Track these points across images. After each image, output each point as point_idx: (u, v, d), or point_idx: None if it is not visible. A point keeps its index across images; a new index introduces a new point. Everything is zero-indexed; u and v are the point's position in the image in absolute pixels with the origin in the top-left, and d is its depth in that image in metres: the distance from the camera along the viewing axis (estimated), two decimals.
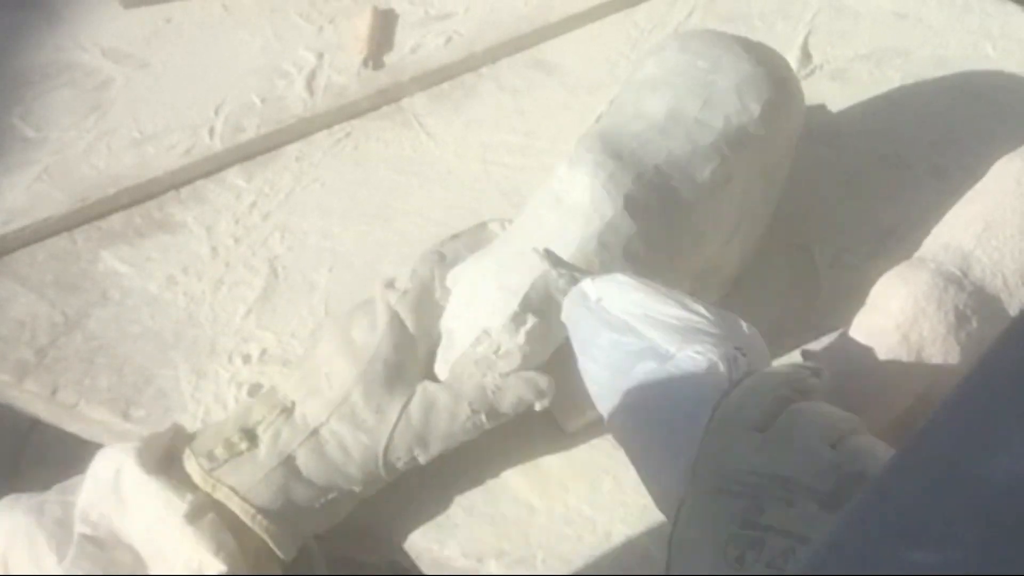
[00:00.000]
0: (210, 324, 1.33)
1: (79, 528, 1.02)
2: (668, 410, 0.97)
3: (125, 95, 1.60)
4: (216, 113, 1.56)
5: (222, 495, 1.03)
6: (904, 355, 1.09)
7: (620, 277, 1.08)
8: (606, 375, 1.03)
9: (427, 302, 1.16)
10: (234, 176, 1.49)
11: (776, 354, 1.26)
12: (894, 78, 1.57)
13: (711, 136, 1.20)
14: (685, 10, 1.69)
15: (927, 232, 1.19)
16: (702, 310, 1.03)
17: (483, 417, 1.10)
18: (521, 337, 1.11)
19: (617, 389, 1.01)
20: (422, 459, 1.10)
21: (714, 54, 1.25)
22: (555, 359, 1.14)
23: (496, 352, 1.11)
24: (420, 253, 1.21)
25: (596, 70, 1.61)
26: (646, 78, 1.27)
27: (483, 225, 1.25)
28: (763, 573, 0.84)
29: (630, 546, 1.14)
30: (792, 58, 1.59)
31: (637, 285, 1.06)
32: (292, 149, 1.53)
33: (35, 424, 1.40)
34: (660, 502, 0.99)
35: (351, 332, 1.12)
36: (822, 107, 1.52)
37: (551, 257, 1.10)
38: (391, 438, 1.04)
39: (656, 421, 0.98)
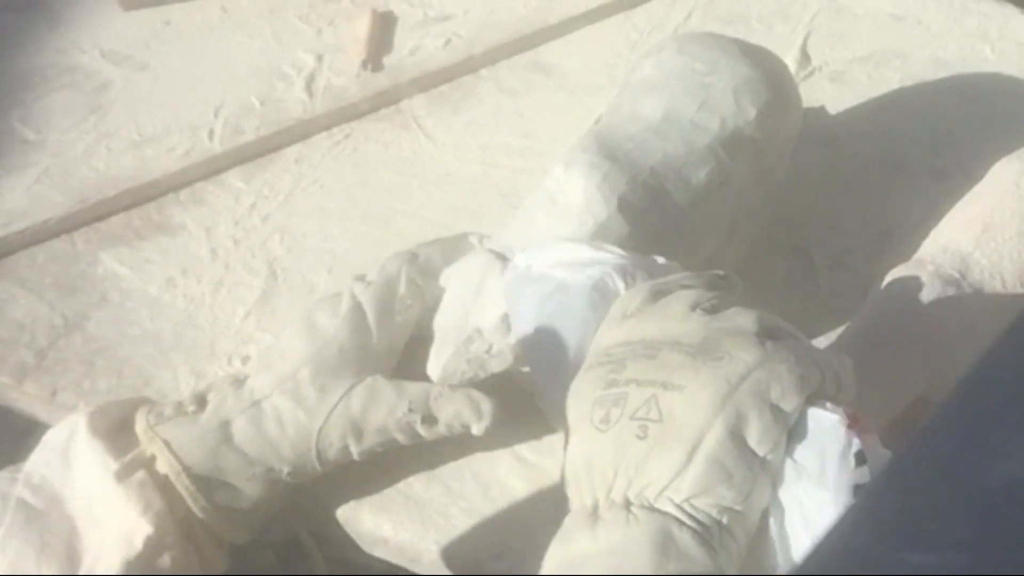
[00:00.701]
0: (210, 326, 1.33)
1: (19, 492, 1.03)
2: (564, 327, 1.00)
3: (124, 97, 1.60)
4: (215, 115, 1.56)
5: (156, 447, 1.03)
6: (903, 357, 1.09)
7: (548, 242, 1.10)
8: (528, 327, 1.05)
9: (389, 297, 1.16)
10: (233, 178, 1.49)
11: None
12: (893, 80, 1.58)
13: (707, 138, 1.20)
14: (684, 12, 1.69)
15: (926, 234, 1.19)
16: (617, 250, 1.05)
17: (418, 420, 1.09)
18: (512, 336, 1.11)
19: (534, 331, 1.03)
20: (354, 450, 1.09)
21: (711, 56, 1.26)
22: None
23: (488, 351, 1.11)
24: (394, 252, 1.21)
25: (595, 72, 1.61)
26: (643, 80, 1.27)
27: (463, 236, 1.25)
28: (627, 425, 0.84)
29: None
30: (791, 60, 1.59)
31: (563, 245, 1.08)
32: (291, 151, 1.53)
33: (34, 426, 1.39)
34: (557, 418, 1.01)
35: (314, 316, 1.13)
36: (821, 109, 1.52)
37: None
38: (327, 419, 1.04)
39: (555, 342, 1.01)
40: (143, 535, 1.01)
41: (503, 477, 1.20)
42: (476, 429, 1.10)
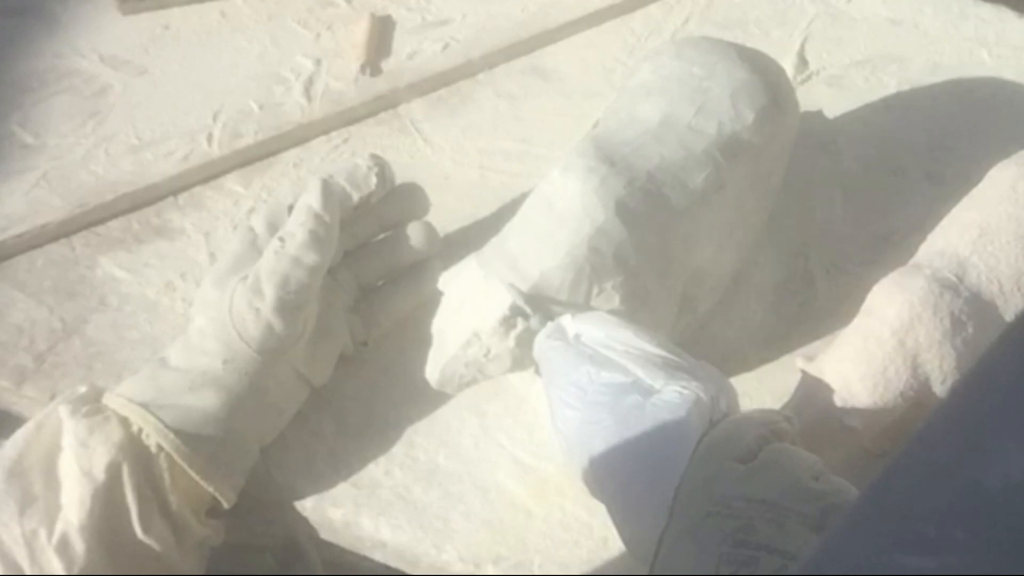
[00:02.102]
0: None
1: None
2: (653, 443, 0.96)
3: (123, 101, 1.60)
4: (214, 119, 1.56)
5: (108, 399, 1.09)
6: (900, 361, 1.09)
7: (600, 313, 1.09)
8: (581, 417, 1.01)
9: (280, 213, 1.22)
10: (232, 182, 1.50)
11: (771, 360, 1.27)
12: (890, 84, 1.58)
13: (704, 142, 1.20)
14: (681, 16, 1.69)
15: (923, 238, 1.20)
16: (682, 352, 1.03)
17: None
18: (511, 340, 1.11)
19: (595, 427, 1.00)
20: (264, 311, 1.13)
21: (709, 61, 1.26)
22: None
23: (486, 355, 1.12)
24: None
25: (593, 76, 1.61)
26: (641, 84, 1.27)
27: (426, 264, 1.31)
28: None
29: (627, 551, 1.14)
30: (788, 64, 1.60)
31: (618, 322, 1.07)
32: (290, 155, 1.53)
33: None
34: (636, 542, 0.99)
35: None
36: (818, 113, 1.53)
37: (519, 294, 1.11)
38: (232, 300, 1.11)
39: (640, 454, 0.98)
40: (103, 464, 1.04)
41: (501, 481, 1.20)
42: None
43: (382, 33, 1.68)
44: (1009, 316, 1.12)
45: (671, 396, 0.97)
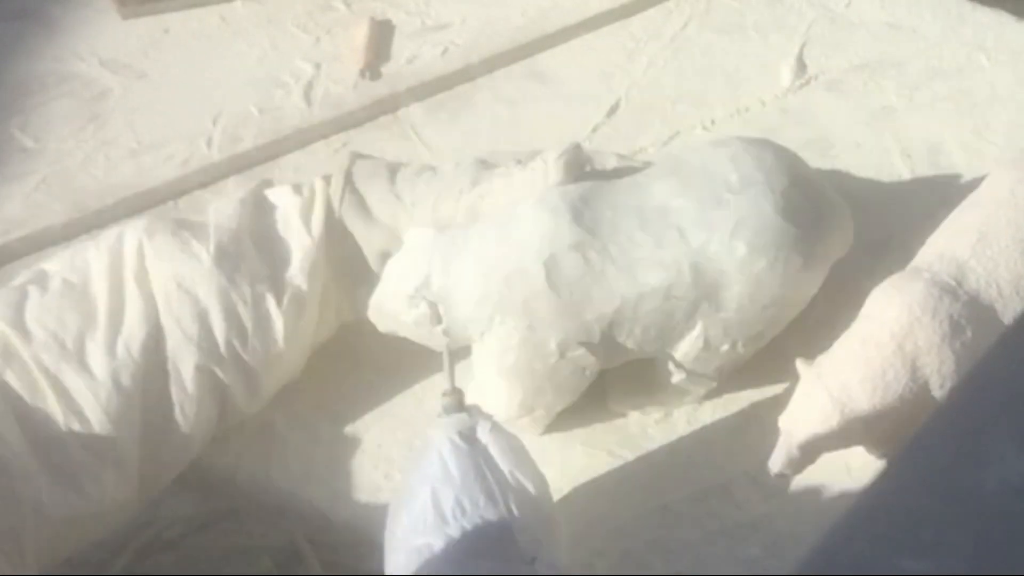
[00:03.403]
0: None
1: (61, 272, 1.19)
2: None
3: (123, 105, 1.60)
4: (214, 123, 1.56)
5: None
6: (899, 364, 1.10)
7: (517, 443, 1.12)
8: (427, 525, 1.04)
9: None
10: (232, 186, 1.49)
11: (771, 364, 1.27)
12: (888, 88, 1.58)
13: (680, 248, 1.17)
14: (680, 21, 1.69)
15: (921, 242, 1.20)
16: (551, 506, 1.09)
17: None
18: (410, 315, 1.21)
19: (429, 546, 1.04)
20: None
21: (752, 177, 1.20)
22: None
23: (396, 315, 1.23)
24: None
25: (591, 81, 1.62)
26: (684, 161, 1.24)
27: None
28: None
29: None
30: (787, 69, 1.60)
31: (523, 460, 1.10)
32: (289, 159, 1.53)
33: None
34: None
35: None
36: (817, 117, 1.53)
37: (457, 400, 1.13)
38: None
39: None
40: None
41: None
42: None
43: (381, 37, 1.68)
44: (1008, 319, 1.12)
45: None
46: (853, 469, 1.14)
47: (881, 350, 1.10)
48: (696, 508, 1.20)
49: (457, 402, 1.12)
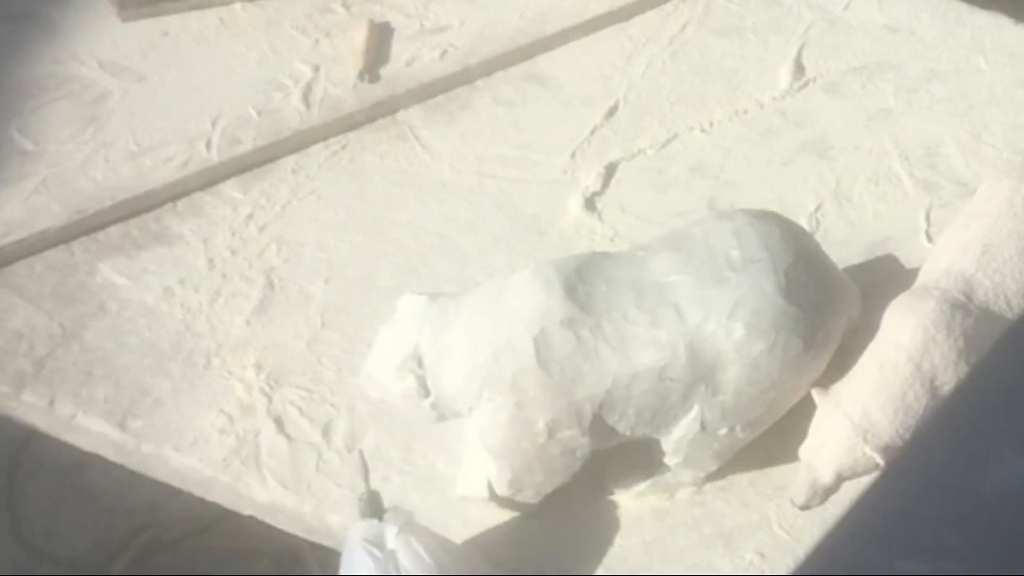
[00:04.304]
0: (207, 335, 1.34)
1: None
2: None
3: (122, 108, 1.60)
4: (213, 126, 1.56)
5: None
6: (918, 385, 1.09)
7: (421, 551, 1.10)
8: None
9: None
10: (231, 188, 1.50)
11: None
12: (886, 91, 1.58)
13: (676, 327, 1.13)
14: (678, 23, 1.70)
15: (918, 245, 1.20)
16: None
17: None
18: (397, 388, 1.14)
19: None
20: None
21: (754, 255, 1.15)
22: None
23: (384, 388, 1.16)
24: None
25: (590, 83, 1.62)
26: (686, 235, 1.20)
27: None
28: None
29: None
30: (785, 71, 1.60)
31: (438, 564, 1.09)
32: (288, 161, 1.53)
33: (32, 435, 1.40)
34: None
35: None
36: (815, 120, 1.53)
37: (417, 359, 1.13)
38: None
39: None
40: None
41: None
42: None
43: (380, 40, 1.68)
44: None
45: None
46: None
47: (899, 372, 1.10)
48: (695, 510, 1.20)
49: (372, 506, 1.11)
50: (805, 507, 1.12)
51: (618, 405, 1.14)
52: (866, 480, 1.05)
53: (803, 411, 1.17)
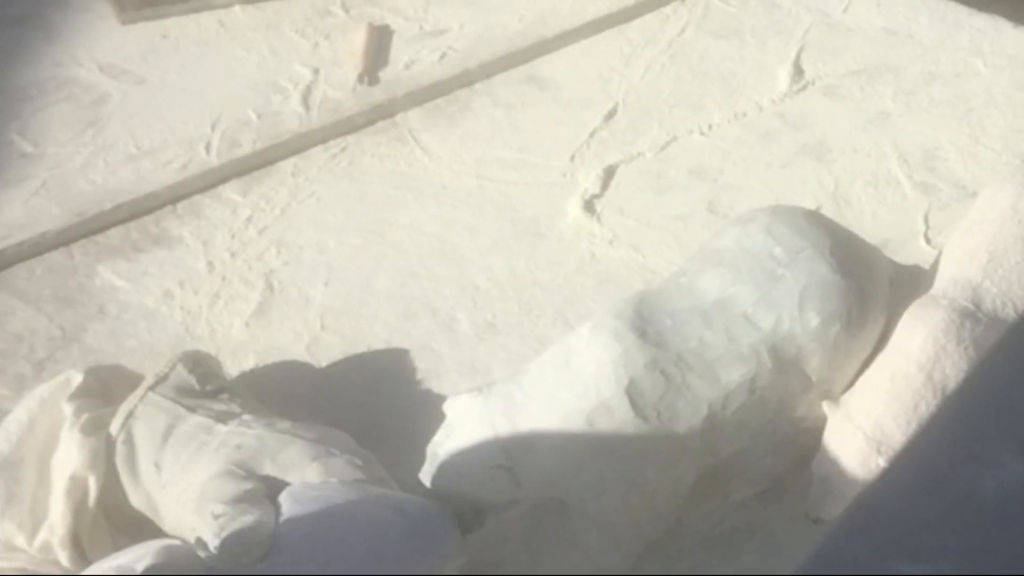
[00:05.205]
0: (207, 338, 1.34)
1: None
2: None
3: (122, 111, 1.61)
4: (212, 128, 1.56)
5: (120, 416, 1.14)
6: (930, 395, 1.09)
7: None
8: None
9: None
10: (230, 191, 1.50)
11: None
12: (885, 94, 1.59)
13: (754, 336, 1.12)
14: (677, 26, 1.70)
15: (917, 247, 1.20)
16: None
17: None
18: (488, 490, 1.10)
19: None
20: None
21: (796, 245, 1.15)
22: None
23: (468, 496, 1.12)
24: None
25: (590, 85, 1.62)
26: (717, 250, 1.19)
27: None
28: None
29: None
30: (784, 74, 1.61)
31: None
32: (288, 164, 1.53)
33: None
34: None
35: None
36: (814, 122, 1.53)
37: (505, 458, 1.08)
38: None
39: None
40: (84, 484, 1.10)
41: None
42: None
43: (380, 42, 1.69)
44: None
45: None
46: None
47: (910, 383, 1.10)
48: (694, 512, 1.20)
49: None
50: (819, 520, 1.12)
51: (716, 430, 1.11)
52: (865, 482, 1.05)
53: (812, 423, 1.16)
